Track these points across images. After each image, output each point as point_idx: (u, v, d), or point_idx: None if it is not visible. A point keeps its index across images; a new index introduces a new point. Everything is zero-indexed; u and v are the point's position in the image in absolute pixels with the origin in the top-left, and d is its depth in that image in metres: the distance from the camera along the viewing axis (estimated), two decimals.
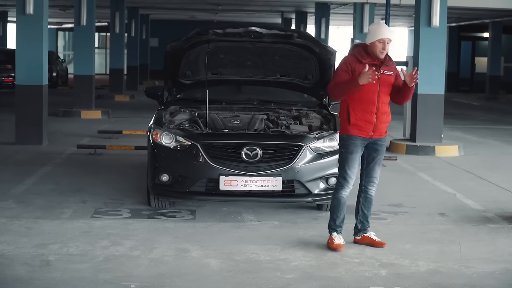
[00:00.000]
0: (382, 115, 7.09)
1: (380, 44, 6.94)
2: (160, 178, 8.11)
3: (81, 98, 20.06)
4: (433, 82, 14.10)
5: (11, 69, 27.13)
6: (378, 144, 7.18)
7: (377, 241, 7.23)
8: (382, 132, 7.15)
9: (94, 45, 20.83)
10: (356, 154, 7.12)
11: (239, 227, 7.93)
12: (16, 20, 13.87)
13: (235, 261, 6.65)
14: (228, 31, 8.55)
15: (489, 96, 32.47)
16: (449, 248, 7.29)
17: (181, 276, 6.23)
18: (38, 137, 13.73)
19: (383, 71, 7.05)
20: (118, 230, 7.62)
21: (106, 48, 43.84)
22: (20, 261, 6.47)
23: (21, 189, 9.60)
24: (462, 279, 6.34)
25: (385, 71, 7.06)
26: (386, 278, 6.32)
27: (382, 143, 7.22)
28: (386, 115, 7.12)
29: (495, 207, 9.25)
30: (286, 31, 8.86)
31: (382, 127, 7.12)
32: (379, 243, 7.20)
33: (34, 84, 13.65)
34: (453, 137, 15.86)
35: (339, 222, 7.19)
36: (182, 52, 8.88)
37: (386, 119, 7.12)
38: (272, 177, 7.90)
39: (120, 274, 6.21)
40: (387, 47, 6.99)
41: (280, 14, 35.39)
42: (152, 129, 8.40)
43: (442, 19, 13.97)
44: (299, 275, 6.32)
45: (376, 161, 7.19)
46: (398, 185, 10.69)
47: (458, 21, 33.82)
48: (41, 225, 7.77)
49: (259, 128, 8.48)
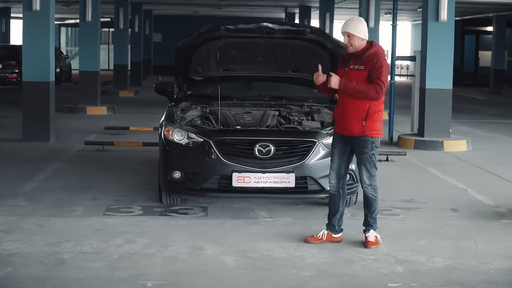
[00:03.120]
0: (348, 112, 6.96)
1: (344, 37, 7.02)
2: (172, 175, 8.08)
3: (87, 94, 20.02)
4: (441, 77, 14.05)
5: (15, 65, 27.09)
6: (354, 144, 7.03)
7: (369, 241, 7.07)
8: (352, 130, 6.96)
9: (99, 41, 20.76)
10: (335, 149, 7.12)
11: (252, 223, 7.90)
12: (22, 16, 13.82)
13: (250, 259, 6.62)
14: (240, 27, 8.52)
15: (494, 90, 32.39)
16: (464, 244, 7.26)
17: (197, 274, 6.20)
18: (45, 133, 13.70)
19: (352, 66, 6.96)
20: (131, 227, 7.59)
21: (109, 43, 43.75)
22: (35, 260, 6.44)
23: (31, 187, 9.57)
24: (479, 276, 6.31)
25: (355, 66, 6.96)
26: (403, 275, 6.29)
27: (359, 142, 6.98)
28: (354, 112, 6.93)
29: (507, 202, 9.21)
30: (298, 27, 8.82)
31: (350, 125, 6.95)
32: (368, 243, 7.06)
33: (41, 81, 13.61)
34: (461, 132, 15.82)
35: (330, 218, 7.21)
36: (193, 48, 8.84)
37: (354, 116, 6.92)
38: (285, 174, 7.87)
39: (136, 273, 6.18)
40: (346, 40, 6.97)
41: (283, 9, 35.31)
42: (164, 126, 8.36)
43: (450, 13, 13.91)
44: (315, 272, 6.29)
45: (358, 161, 7.08)
46: (408, 180, 10.66)
47: (462, 15, 33.71)
48: (53, 223, 7.74)
49: (271, 125, 8.44)
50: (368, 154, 6.99)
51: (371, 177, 7.04)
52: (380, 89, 6.84)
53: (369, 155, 6.99)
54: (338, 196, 7.19)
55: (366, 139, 6.97)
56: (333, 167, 7.16)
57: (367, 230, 7.14)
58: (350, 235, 7.44)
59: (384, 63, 6.91)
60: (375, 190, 7.10)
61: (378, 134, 7.03)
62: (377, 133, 7.02)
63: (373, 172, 7.05)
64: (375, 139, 7.01)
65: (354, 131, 6.96)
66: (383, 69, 6.88)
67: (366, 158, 7.00)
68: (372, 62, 6.89)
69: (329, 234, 7.20)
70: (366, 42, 7.03)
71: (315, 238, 7.19)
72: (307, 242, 7.14)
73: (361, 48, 6.99)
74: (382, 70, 6.87)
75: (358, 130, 6.95)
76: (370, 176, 7.04)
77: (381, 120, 7.08)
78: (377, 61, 6.89)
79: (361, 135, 6.96)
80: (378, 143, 7.08)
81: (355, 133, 6.96)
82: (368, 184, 7.05)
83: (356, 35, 6.93)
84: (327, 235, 7.19)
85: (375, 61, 6.89)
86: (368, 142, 6.97)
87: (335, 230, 7.21)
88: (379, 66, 6.87)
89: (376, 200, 7.14)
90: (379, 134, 7.06)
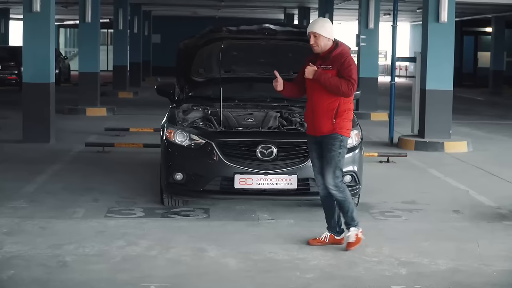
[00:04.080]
0: (318, 111, 6.95)
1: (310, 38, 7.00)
2: (174, 176, 8.06)
3: (86, 95, 20.02)
4: (441, 78, 14.04)
5: (14, 66, 27.10)
6: (324, 142, 6.96)
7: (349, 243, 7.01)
8: (323, 129, 6.93)
9: (99, 42, 20.75)
10: (313, 152, 7.10)
11: (255, 225, 7.88)
12: (23, 17, 13.81)
13: (253, 261, 6.60)
14: (242, 28, 8.51)
15: (493, 91, 32.45)
16: (467, 246, 7.24)
17: (200, 276, 6.18)
18: (46, 135, 13.68)
19: (320, 67, 6.95)
20: (133, 229, 7.57)
21: (108, 44, 43.73)
22: (37, 262, 6.42)
23: (32, 188, 9.55)
24: (482, 278, 6.29)
25: (322, 66, 6.94)
26: (406, 277, 6.27)
27: (328, 140, 6.92)
28: (324, 110, 6.91)
29: (508, 203, 9.20)
30: (300, 28, 8.81)
31: (320, 124, 6.93)
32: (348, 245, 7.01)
33: (41, 82, 13.59)
34: (461, 133, 15.80)
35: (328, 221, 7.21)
36: (195, 49, 8.83)
37: (325, 115, 6.90)
38: (288, 175, 7.85)
39: (138, 275, 6.16)
40: (312, 40, 6.95)
41: (282, 10, 35.31)
42: (166, 128, 8.34)
43: (451, 14, 13.90)
44: (318, 275, 6.27)
45: (324, 160, 6.96)
46: (410, 182, 10.64)
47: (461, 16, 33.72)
48: (54, 224, 7.72)
49: (273, 126, 8.42)
50: (335, 152, 6.90)
51: (335, 178, 6.90)
52: (352, 86, 6.82)
53: (336, 154, 6.90)
54: (330, 197, 7.10)
55: (335, 137, 6.91)
56: (316, 170, 7.08)
57: (347, 229, 7.05)
58: None
59: (352, 62, 6.90)
60: (341, 191, 6.94)
61: (347, 133, 6.98)
62: (346, 132, 6.97)
63: (338, 172, 6.91)
64: (344, 138, 6.95)
65: (324, 129, 6.92)
66: (352, 67, 6.87)
67: (333, 156, 6.90)
68: (340, 61, 6.88)
69: (332, 236, 7.18)
70: (332, 42, 7.00)
71: (317, 240, 7.18)
72: (309, 244, 7.12)
73: (327, 48, 6.96)
74: (352, 68, 6.86)
75: (329, 128, 6.91)
76: (335, 177, 6.89)
77: (350, 120, 7.05)
78: (345, 60, 6.87)
79: (331, 133, 6.91)
80: (346, 142, 7.01)
81: (326, 131, 6.92)
82: (332, 185, 6.91)
83: (323, 35, 6.91)
84: (329, 237, 7.17)
85: (343, 60, 6.87)
86: (337, 140, 6.91)
87: (336, 231, 7.18)
88: (348, 64, 6.85)
89: (347, 200, 6.98)
90: (348, 133, 7.01)
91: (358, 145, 8.26)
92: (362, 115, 19.10)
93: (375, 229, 7.84)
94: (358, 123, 8.53)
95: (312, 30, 6.96)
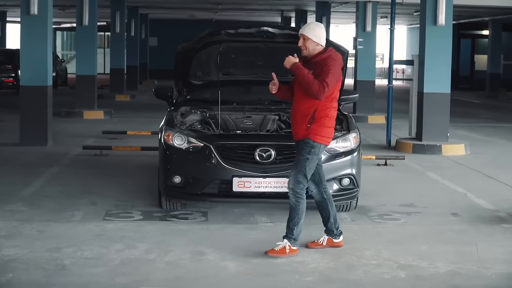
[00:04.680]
0: (295, 115, 6.90)
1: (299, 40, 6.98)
2: (173, 180, 8.05)
3: (84, 98, 20.00)
4: (439, 81, 14.05)
5: (11, 69, 27.09)
6: (298, 146, 6.90)
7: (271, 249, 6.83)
8: (298, 134, 6.86)
9: (96, 45, 20.73)
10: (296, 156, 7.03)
11: (253, 229, 7.87)
12: (20, 20, 13.78)
13: (252, 264, 6.59)
14: (240, 31, 8.48)
15: (490, 94, 32.47)
16: (465, 248, 7.24)
17: (199, 279, 6.17)
18: (43, 138, 13.65)
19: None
20: (131, 232, 7.55)
21: (104, 47, 43.71)
22: (35, 265, 6.40)
23: (30, 191, 9.53)
24: (482, 281, 6.29)
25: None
26: (405, 280, 6.26)
27: (300, 144, 6.85)
28: (301, 115, 6.82)
29: (507, 206, 9.20)
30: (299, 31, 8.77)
31: (297, 129, 6.86)
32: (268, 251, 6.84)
33: (38, 85, 13.58)
34: (458, 136, 15.81)
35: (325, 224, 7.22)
36: (193, 52, 8.81)
37: (301, 119, 6.82)
38: (286, 178, 7.77)
39: (137, 278, 6.15)
40: (301, 42, 6.93)
41: (280, 13, 35.30)
42: (164, 130, 8.32)
43: (448, 17, 13.91)
44: (318, 278, 6.26)
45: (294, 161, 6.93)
46: (408, 184, 10.64)
47: (458, 19, 33.74)
48: (53, 228, 7.70)
49: (272, 129, 8.41)
50: (303, 156, 6.78)
51: (296, 183, 6.77)
52: (322, 88, 6.65)
53: (304, 158, 6.77)
54: (324, 201, 7.08)
55: (307, 142, 6.80)
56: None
57: (283, 238, 6.86)
58: (351, 240, 7.42)
59: (332, 68, 6.75)
60: (297, 198, 6.79)
61: (322, 140, 6.82)
62: (321, 138, 6.81)
63: (301, 178, 6.76)
64: (316, 144, 6.79)
65: (299, 134, 6.86)
66: (331, 73, 6.72)
67: (300, 161, 6.79)
68: (321, 66, 6.78)
69: (330, 239, 7.16)
70: (323, 48, 6.92)
71: (315, 243, 7.16)
72: (307, 247, 7.11)
73: (315, 53, 6.89)
74: (330, 73, 6.71)
75: (303, 133, 6.83)
76: (296, 181, 6.77)
77: (330, 127, 6.89)
78: (325, 64, 6.76)
79: (304, 138, 6.83)
80: (318, 150, 6.82)
81: (300, 136, 6.85)
82: (291, 188, 6.80)
83: (311, 38, 6.86)
84: (327, 240, 7.16)
85: (323, 65, 6.77)
86: (308, 145, 6.78)
87: (334, 234, 7.16)
88: (327, 69, 6.73)
89: (296, 210, 6.80)
90: (324, 141, 6.85)
91: (356, 148, 8.25)
92: (360, 118, 19.12)
93: (374, 232, 7.84)
94: (356, 126, 8.53)
95: (301, 32, 6.94)
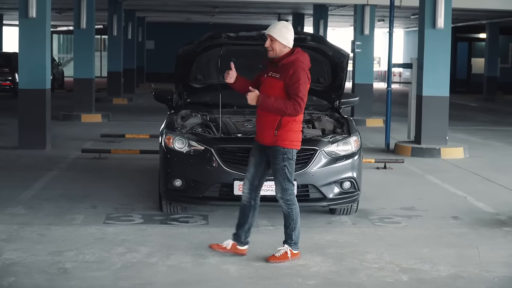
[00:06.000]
0: (261, 121, 6.78)
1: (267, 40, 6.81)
2: (173, 183, 8.04)
3: (82, 102, 19.98)
4: (438, 84, 14.06)
5: (7, 72, 27.02)
6: (269, 154, 6.77)
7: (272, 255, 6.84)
8: (264, 139, 6.74)
9: (94, 48, 20.72)
10: (252, 157, 6.91)
11: (254, 232, 7.76)
12: (18, 23, 13.77)
13: (254, 267, 6.58)
14: (241, 34, 8.47)
15: (487, 97, 32.50)
16: (467, 252, 7.24)
17: (202, 283, 6.16)
18: (42, 141, 13.63)
19: (270, 73, 6.77)
20: (133, 236, 7.54)
21: (101, 50, 43.67)
22: (37, 269, 6.38)
23: (30, 195, 9.51)
24: (484, 284, 6.29)
25: (272, 74, 6.76)
26: (408, 283, 6.26)
27: (271, 153, 6.73)
28: (267, 121, 6.69)
29: (507, 209, 9.21)
30: (300, 34, 8.77)
31: (262, 134, 6.74)
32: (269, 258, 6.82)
33: (37, 88, 13.56)
34: (457, 139, 15.80)
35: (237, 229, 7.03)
36: (193, 55, 8.80)
37: (266, 125, 6.70)
38: None
39: (139, 282, 6.13)
40: (268, 42, 6.73)
41: (277, 16, 35.30)
42: (164, 134, 8.31)
43: (447, 20, 13.93)
44: (320, 281, 6.25)
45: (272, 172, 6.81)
46: (408, 188, 10.64)
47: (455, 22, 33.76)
48: (53, 231, 7.68)
49: None
50: (279, 165, 6.70)
51: (283, 191, 6.74)
52: (298, 106, 6.55)
53: (281, 167, 6.70)
54: (249, 207, 6.94)
55: (277, 149, 6.69)
56: (247, 176, 6.91)
57: (282, 243, 6.87)
58: (352, 243, 7.43)
59: (301, 75, 6.59)
60: (288, 205, 6.78)
61: (291, 145, 6.72)
62: (291, 144, 6.71)
63: (286, 185, 6.73)
64: (287, 150, 6.70)
65: (265, 140, 6.74)
66: (300, 83, 6.57)
67: (278, 170, 6.72)
68: (288, 73, 6.60)
69: (234, 244, 6.95)
70: (290, 50, 6.78)
71: (219, 246, 6.97)
72: (210, 248, 6.97)
73: (282, 54, 6.74)
74: (300, 84, 6.56)
75: (270, 140, 6.70)
76: (283, 189, 6.73)
77: (297, 131, 6.78)
78: (293, 72, 6.59)
79: (272, 145, 6.72)
80: (291, 154, 6.73)
81: (267, 142, 6.74)
82: (280, 197, 6.77)
83: (278, 40, 6.70)
84: (232, 245, 6.95)
85: (291, 73, 6.59)
86: (279, 153, 6.69)
87: (240, 241, 6.96)
88: (296, 79, 6.57)
89: (291, 216, 6.80)
90: (294, 145, 6.74)
91: (357, 152, 8.25)
92: (357, 121, 19.03)
93: (375, 235, 7.84)
94: (357, 130, 8.53)
95: (269, 33, 6.74)
